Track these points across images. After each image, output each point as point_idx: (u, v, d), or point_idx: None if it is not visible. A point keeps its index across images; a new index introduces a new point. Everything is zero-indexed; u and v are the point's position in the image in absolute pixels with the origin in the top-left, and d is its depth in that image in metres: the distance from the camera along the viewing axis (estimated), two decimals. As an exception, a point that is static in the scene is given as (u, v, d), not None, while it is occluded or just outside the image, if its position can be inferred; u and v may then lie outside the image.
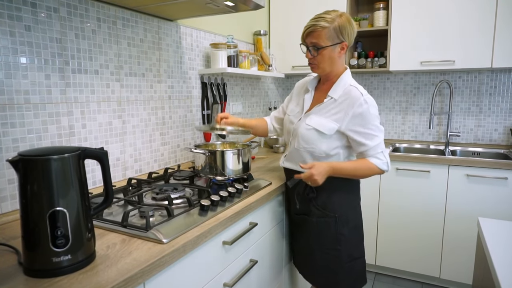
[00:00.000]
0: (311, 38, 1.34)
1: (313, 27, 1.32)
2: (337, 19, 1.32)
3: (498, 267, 0.88)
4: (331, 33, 1.32)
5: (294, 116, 1.48)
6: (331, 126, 1.34)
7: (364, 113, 1.31)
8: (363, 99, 1.31)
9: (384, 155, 1.35)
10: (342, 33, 1.33)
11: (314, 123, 1.37)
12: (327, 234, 1.41)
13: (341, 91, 1.36)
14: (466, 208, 2.12)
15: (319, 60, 1.36)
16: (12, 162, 0.76)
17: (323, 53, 1.34)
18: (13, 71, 1.12)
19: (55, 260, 0.77)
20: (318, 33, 1.32)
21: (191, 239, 0.97)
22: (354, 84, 1.37)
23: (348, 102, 1.33)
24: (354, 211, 1.45)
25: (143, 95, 1.62)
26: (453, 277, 2.21)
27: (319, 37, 1.32)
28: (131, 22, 1.53)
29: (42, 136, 1.21)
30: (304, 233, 1.49)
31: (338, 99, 1.36)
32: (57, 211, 0.76)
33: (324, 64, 1.37)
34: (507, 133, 2.49)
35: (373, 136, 1.33)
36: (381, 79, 2.82)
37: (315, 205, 1.42)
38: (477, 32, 2.19)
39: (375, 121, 1.33)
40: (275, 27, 2.74)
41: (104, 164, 0.86)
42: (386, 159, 1.36)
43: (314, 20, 1.34)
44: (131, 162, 1.59)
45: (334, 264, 1.42)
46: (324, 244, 1.42)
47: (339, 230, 1.40)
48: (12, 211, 1.14)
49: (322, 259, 1.44)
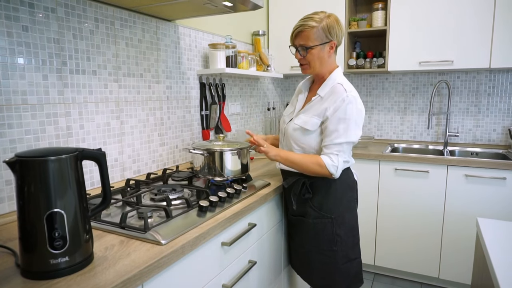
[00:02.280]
0: (300, 39, 1.36)
1: (302, 27, 1.34)
2: (325, 19, 1.34)
3: (497, 267, 0.87)
4: (319, 32, 1.33)
5: (287, 116, 1.51)
6: (313, 122, 1.35)
7: (340, 109, 1.30)
8: (346, 95, 1.31)
9: (338, 158, 1.32)
10: (330, 33, 1.34)
11: (300, 122, 1.38)
12: (323, 235, 1.41)
13: (328, 88, 1.37)
14: (465, 208, 2.12)
15: (309, 59, 1.37)
16: (9, 163, 0.75)
17: (312, 52, 1.35)
18: (10, 71, 1.11)
19: (53, 262, 0.76)
20: (307, 33, 1.33)
21: (190, 240, 0.97)
22: (342, 82, 1.36)
23: (331, 97, 1.34)
24: (350, 213, 1.45)
25: (141, 95, 1.62)
26: (452, 277, 2.21)
27: (307, 37, 1.34)
28: (129, 22, 1.53)
29: (40, 137, 1.21)
30: (300, 234, 1.49)
31: (324, 96, 1.37)
32: (54, 213, 0.76)
33: (314, 64, 1.38)
34: (506, 133, 2.49)
35: (337, 135, 1.31)
36: (380, 80, 2.83)
37: (311, 205, 1.42)
38: (476, 32, 2.19)
39: (347, 121, 1.31)
40: (274, 28, 2.74)
41: (102, 165, 0.86)
42: (337, 163, 1.31)
43: (302, 21, 1.35)
44: (129, 163, 1.58)
45: (330, 265, 1.42)
46: (320, 245, 1.42)
47: (336, 231, 1.40)
48: (9, 213, 1.13)
49: (318, 260, 1.44)
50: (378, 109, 2.85)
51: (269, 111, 2.78)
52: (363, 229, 2.35)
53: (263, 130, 2.79)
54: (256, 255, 1.39)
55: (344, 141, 1.31)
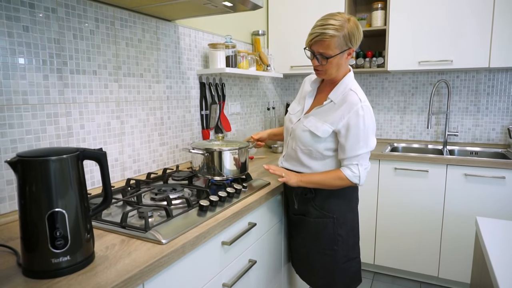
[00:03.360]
0: (319, 47, 1.28)
1: (322, 35, 1.25)
2: (346, 25, 1.26)
3: (496, 266, 0.88)
4: (340, 41, 1.26)
5: (295, 115, 1.48)
6: (325, 129, 1.33)
7: (357, 122, 1.29)
8: (360, 106, 1.29)
9: (358, 168, 1.32)
10: (351, 41, 1.28)
11: (311, 126, 1.37)
12: (324, 234, 1.42)
13: (341, 95, 1.35)
14: (464, 207, 2.13)
15: (326, 67, 1.32)
16: (10, 163, 0.76)
17: (332, 61, 1.30)
18: (11, 71, 1.11)
19: (54, 261, 0.77)
20: (328, 42, 1.26)
21: (190, 239, 0.97)
22: (355, 89, 1.34)
23: (345, 106, 1.31)
24: (352, 213, 1.45)
25: (141, 95, 1.62)
26: (452, 276, 2.22)
27: (328, 47, 1.27)
28: (129, 22, 1.53)
29: (41, 137, 1.21)
30: (301, 233, 1.49)
31: (337, 102, 1.35)
32: (56, 212, 0.76)
33: (331, 71, 1.34)
34: (505, 132, 2.50)
35: (356, 146, 1.30)
36: (379, 79, 2.83)
37: (313, 205, 1.43)
38: (475, 32, 2.19)
39: (365, 132, 1.30)
40: (273, 27, 2.74)
41: (103, 165, 0.86)
42: (359, 173, 1.32)
43: (321, 28, 1.26)
44: (130, 163, 1.59)
45: (330, 264, 1.43)
46: (321, 244, 1.43)
47: (337, 231, 1.40)
48: (10, 212, 1.13)
49: (318, 259, 1.44)
50: (378, 108, 2.86)
51: (268, 110, 2.78)
52: (362, 228, 2.36)
53: (263, 130, 2.79)
54: (256, 255, 1.39)
55: (363, 152, 1.32)
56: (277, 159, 2.08)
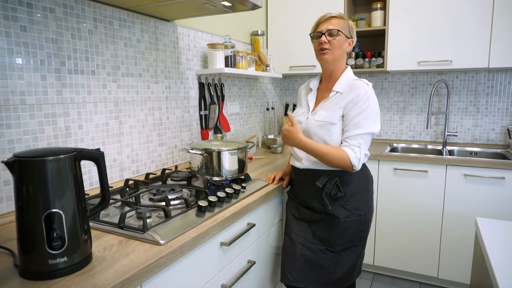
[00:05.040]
0: (329, 24, 1.38)
1: (330, 15, 1.39)
2: (347, 18, 1.42)
3: (496, 266, 0.88)
4: (345, 25, 1.40)
5: (301, 115, 1.49)
6: (337, 114, 1.36)
7: (362, 101, 1.33)
8: (369, 88, 1.36)
9: (360, 150, 1.32)
10: (351, 31, 1.42)
11: (324, 117, 1.38)
12: (350, 232, 1.40)
13: (345, 85, 1.39)
14: (463, 208, 2.13)
15: (333, 45, 1.38)
16: (7, 164, 0.75)
17: (339, 39, 1.38)
18: (8, 71, 1.11)
19: (51, 262, 0.76)
20: (338, 20, 1.39)
21: (189, 240, 0.97)
22: (358, 78, 1.41)
23: (353, 91, 1.35)
24: (372, 207, 1.49)
25: (140, 95, 1.62)
26: (451, 276, 2.21)
27: (338, 24, 1.38)
28: (127, 22, 1.53)
29: (39, 137, 1.21)
30: (325, 232, 1.43)
31: (344, 92, 1.38)
32: (53, 213, 0.76)
33: (335, 51, 1.39)
34: (504, 132, 2.50)
35: (360, 126, 1.32)
36: (379, 79, 2.83)
37: (342, 204, 1.40)
38: (474, 32, 2.19)
39: (370, 111, 1.34)
40: (273, 27, 2.74)
41: (101, 165, 0.86)
42: (359, 155, 1.32)
43: (327, 13, 1.41)
44: (128, 163, 1.58)
45: (352, 260, 1.43)
46: (343, 243, 1.41)
47: (362, 228, 1.42)
48: (7, 213, 1.13)
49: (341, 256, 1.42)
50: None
51: (268, 111, 2.78)
52: (362, 229, 2.35)
53: (262, 130, 2.79)
54: (255, 255, 1.39)
55: (366, 132, 1.33)
56: (276, 159, 2.08)
